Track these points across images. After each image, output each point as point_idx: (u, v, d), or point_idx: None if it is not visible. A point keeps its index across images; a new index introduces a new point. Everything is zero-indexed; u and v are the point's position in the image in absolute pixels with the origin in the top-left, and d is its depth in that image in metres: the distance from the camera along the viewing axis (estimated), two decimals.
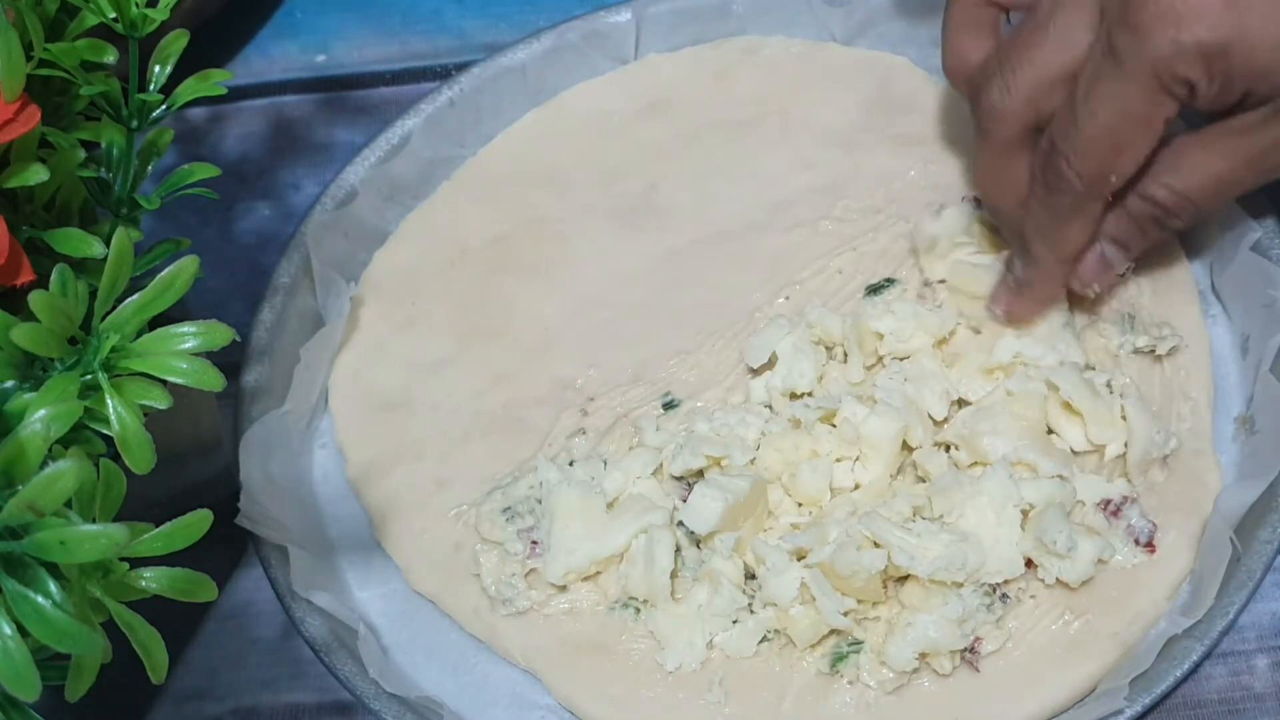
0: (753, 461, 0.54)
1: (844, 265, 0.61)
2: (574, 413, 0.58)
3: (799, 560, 0.51)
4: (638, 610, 0.53)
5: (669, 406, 0.58)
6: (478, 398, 0.60)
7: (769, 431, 0.54)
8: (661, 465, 0.55)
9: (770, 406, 0.56)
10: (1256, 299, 0.56)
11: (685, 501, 0.52)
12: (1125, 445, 0.53)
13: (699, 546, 0.53)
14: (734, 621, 0.52)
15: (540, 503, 0.54)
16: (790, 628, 0.51)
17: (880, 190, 0.63)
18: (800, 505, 0.53)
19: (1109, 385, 0.54)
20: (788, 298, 0.60)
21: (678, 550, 0.52)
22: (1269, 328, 0.55)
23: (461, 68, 0.66)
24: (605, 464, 0.55)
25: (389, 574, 0.57)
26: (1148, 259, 0.59)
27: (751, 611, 0.52)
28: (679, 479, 0.54)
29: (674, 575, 0.52)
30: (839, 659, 0.51)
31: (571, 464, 0.55)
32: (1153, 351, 0.56)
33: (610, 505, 0.54)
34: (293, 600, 0.53)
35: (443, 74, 0.72)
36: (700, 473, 0.54)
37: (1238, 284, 0.58)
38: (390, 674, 0.52)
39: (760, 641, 0.52)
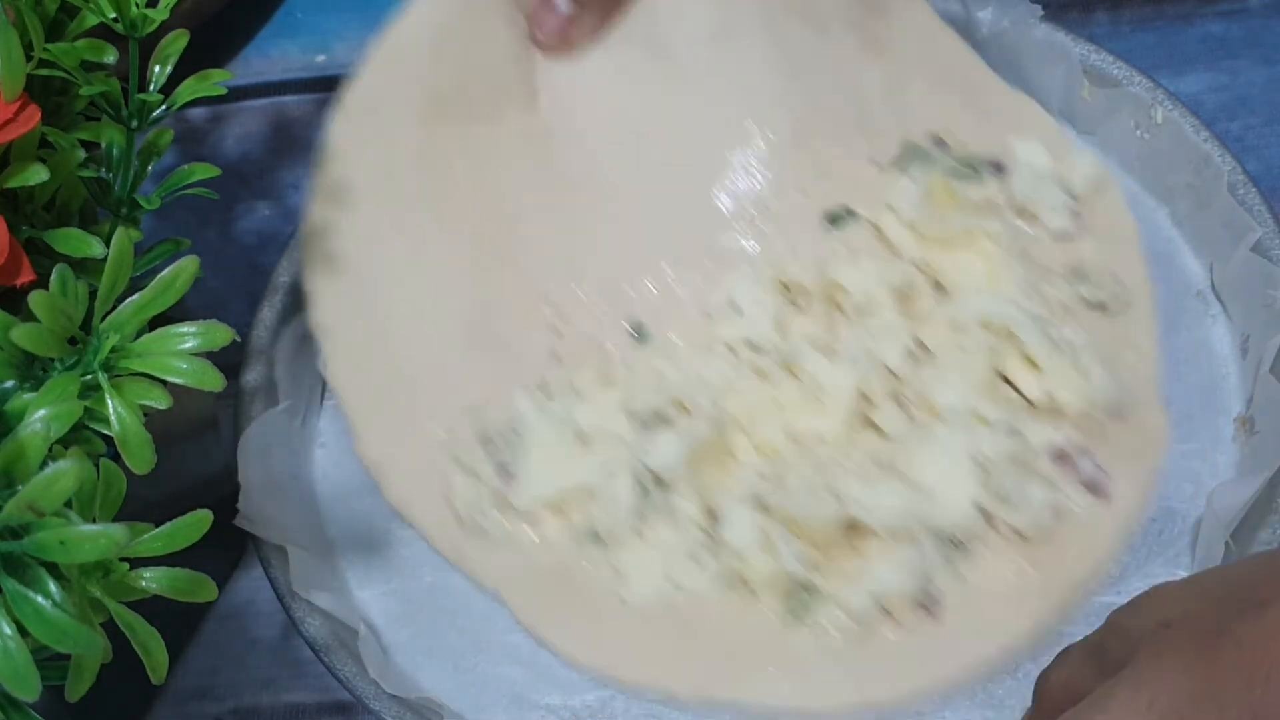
0: (716, 406, 0.54)
1: (809, 186, 0.59)
2: (547, 332, 0.57)
3: (758, 507, 0.51)
4: (604, 545, 0.53)
5: (637, 337, 0.58)
6: (452, 301, 0.57)
7: (732, 377, 0.55)
8: (629, 404, 0.55)
9: (734, 352, 0.56)
10: (1256, 299, 0.56)
11: (649, 442, 0.53)
12: (1083, 398, 0.53)
13: (662, 487, 0.53)
14: (696, 563, 0.52)
15: (515, 432, 0.55)
16: (750, 574, 0.51)
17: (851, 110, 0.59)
18: (760, 452, 0.54)
19: (1068, 339, 0.54)
20: (755, 242, 0.58)
21: (644, 490, 0.53)
22: (1269, 328, 0.55)
23: None
24: (577, 396, 0.55)
25: (389, 574, 0.57)
26: (1094, 212, 0.59)
27: (713, 556, 0.52)
28: (643, 420, 0.55)
29: (639, 514, 0.52)
30: (799, 606, 0.51)
31: (545, 395, 0.56)
32: (1100, 304, 0.57)
33: (580, 439, 0.54)
34: (293, 600, 0.53)
35: None
36: (664, 415, 0.54)
37: (1238, 284, 0.58)
38: (390, 674, 0.52)
39: (722, 586, 0.52)
